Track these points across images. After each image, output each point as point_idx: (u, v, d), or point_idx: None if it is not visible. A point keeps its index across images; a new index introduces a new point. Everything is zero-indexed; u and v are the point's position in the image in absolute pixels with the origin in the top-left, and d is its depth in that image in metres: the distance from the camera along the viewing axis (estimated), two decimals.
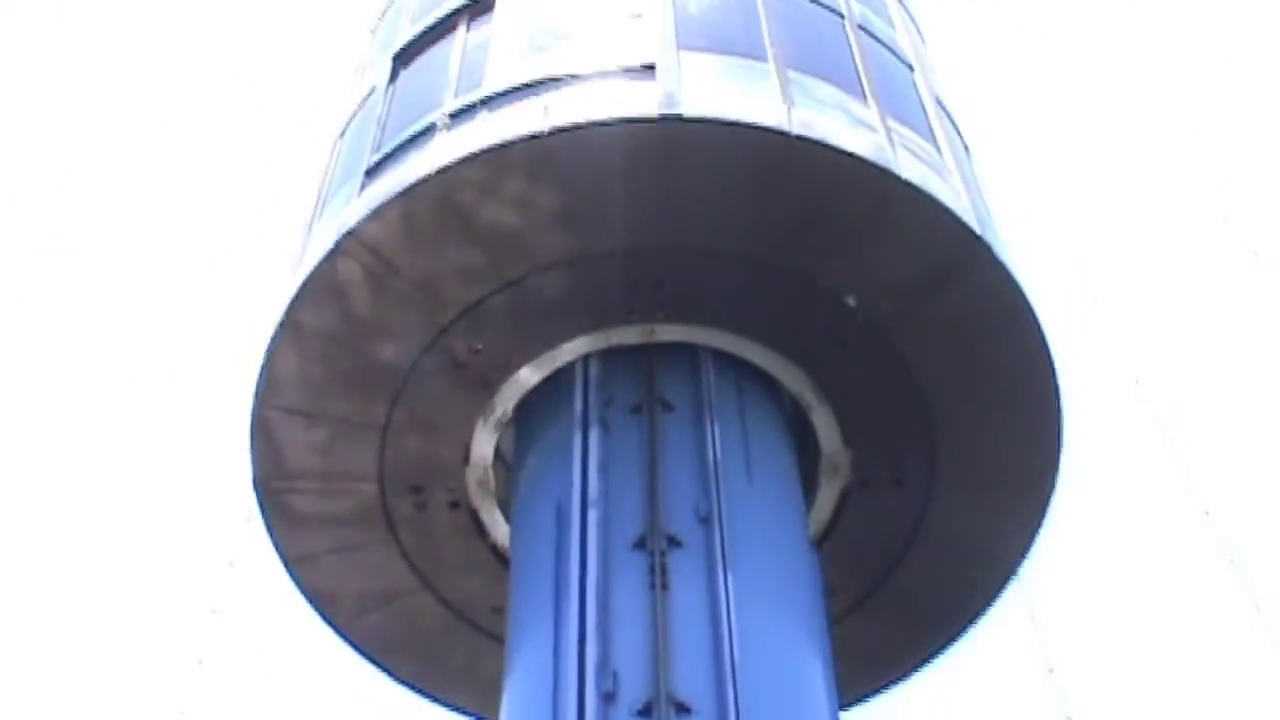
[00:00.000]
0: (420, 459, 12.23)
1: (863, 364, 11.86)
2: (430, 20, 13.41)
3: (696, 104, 10.87)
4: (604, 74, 11.44)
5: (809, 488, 12.28)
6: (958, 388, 11.98)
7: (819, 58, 12.31)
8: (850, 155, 10.97)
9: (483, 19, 12.95)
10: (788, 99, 11.27)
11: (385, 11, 15.13)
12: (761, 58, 11.79)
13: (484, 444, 12.25)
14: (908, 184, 11.08)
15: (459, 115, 11.51)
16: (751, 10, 12.44)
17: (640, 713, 9.07)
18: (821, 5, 13.21)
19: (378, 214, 11.13)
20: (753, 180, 10.99)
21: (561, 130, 10.72)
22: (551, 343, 11.87)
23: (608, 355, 11.85)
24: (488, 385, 11.96)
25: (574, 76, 11.39)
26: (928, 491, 12.35)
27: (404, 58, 13.44)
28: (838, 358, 11.87)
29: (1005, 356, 11.85)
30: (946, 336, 11.72)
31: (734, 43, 11.94)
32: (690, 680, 9.30)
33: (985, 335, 11.75)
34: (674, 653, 9.44)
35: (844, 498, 12.40)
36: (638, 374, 11.75)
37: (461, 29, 12.92)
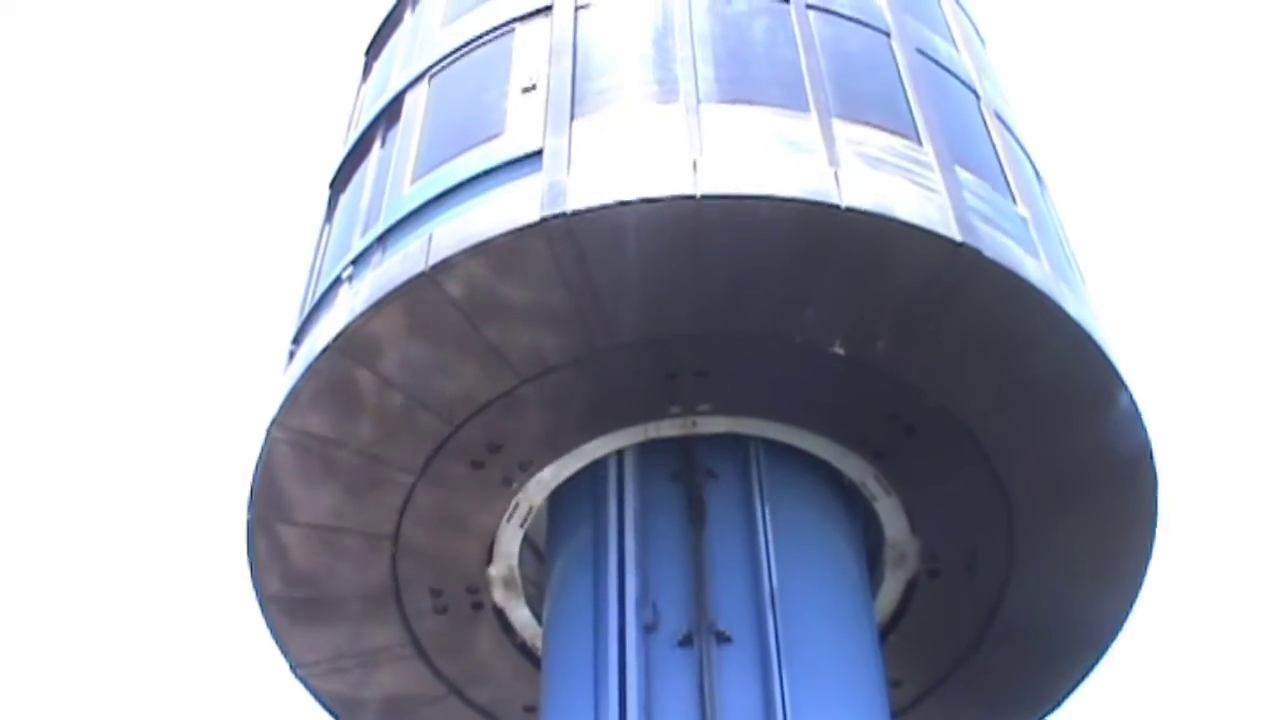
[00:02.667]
0: (438, 561, 11.12)
1: (932, 449, 10.57)
2: (358, 133, 12.27)
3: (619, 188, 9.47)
4: (488, 175, 10.16)
5: (873, 574, 11.13)
6: (1038, 468, 10.69)
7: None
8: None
9: (394, 128, 11.76)
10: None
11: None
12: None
13: (509, 543, 11.14)
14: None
15: (361, 259, 10.50)
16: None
17: None
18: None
19: (294, 396, 10.23)
20: (797, 258, 9.61)
21: (443, 263, 9.59)
22: (579, 439, 10.67)
23: (645, 447, 10.68)
24: (510, 483, 10.79)
25: (459, 188, 10.19)
26: (1005, 578, 11.12)
27: (338, 184, 12.32)
28: (904, 444, 10.58)
29: (1093, 432, 10.58)
30: (1025, 415, 10.43)
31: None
32: None
33: (1070, 411, 10.48)
34: None
35: (911, 587, 11.20)
36: (679, 465, 10.59)
37: (377, 144, 11.78)
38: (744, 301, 9.84)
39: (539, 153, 10.02)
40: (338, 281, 10.66)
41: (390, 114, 11.95)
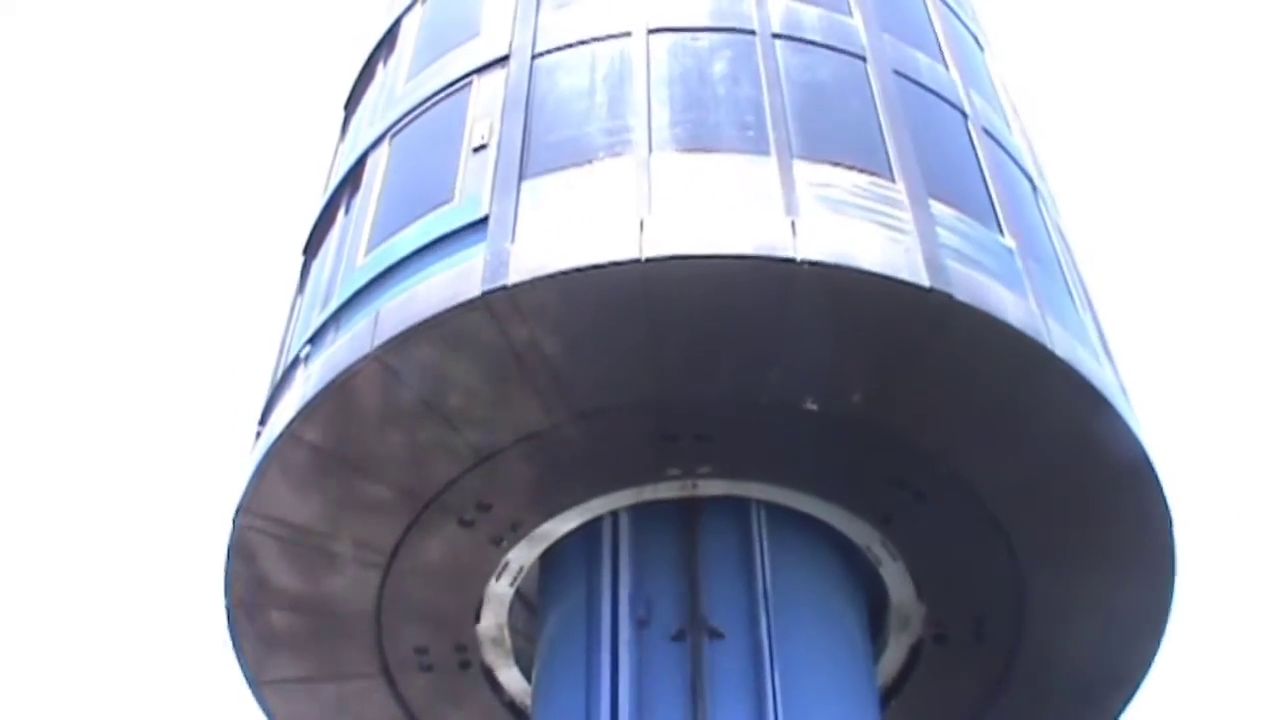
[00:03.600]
0: (423, 620, 10.70)
1: (942, 516, 10.01)
2: (326, 197, 11.88)
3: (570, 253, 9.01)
4: (437, 244, 9.73)
5: (875, 637, 10.62)
6: (1054, 537, 10.15)
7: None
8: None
9: (356, 193, 11.36)
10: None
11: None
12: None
13: (498, 601, 10.73)
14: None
15: (317, 337, 10.14)
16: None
17: None
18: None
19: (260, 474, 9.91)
20: (756, 317, 9.08)
21: (389, 342, 9.22)
22: (572, 500, 10.23)
23: (642, 507, 10.24)
24: (499, 543, 10.37)
25: (408, 259, 9.78)
26: (1015, 645, 10.51)
27: (310, 249, 11.96)
28: (912, 510, 10.04)
29: (1112, 502, 10.02)
30: (1029, 469, 9.83)
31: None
32: None
33: (1076, 460, 9.85)
34: None
35: (915, 651, 10.64)
36: (677, 526, 10.15)
37: (341, 210, 11.38)
38: (706, 364, 9.34)
39: (485, 219, 9.61)
40: (297, 360, 10.35)
41: (353, 177, 11.62)
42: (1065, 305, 10.33)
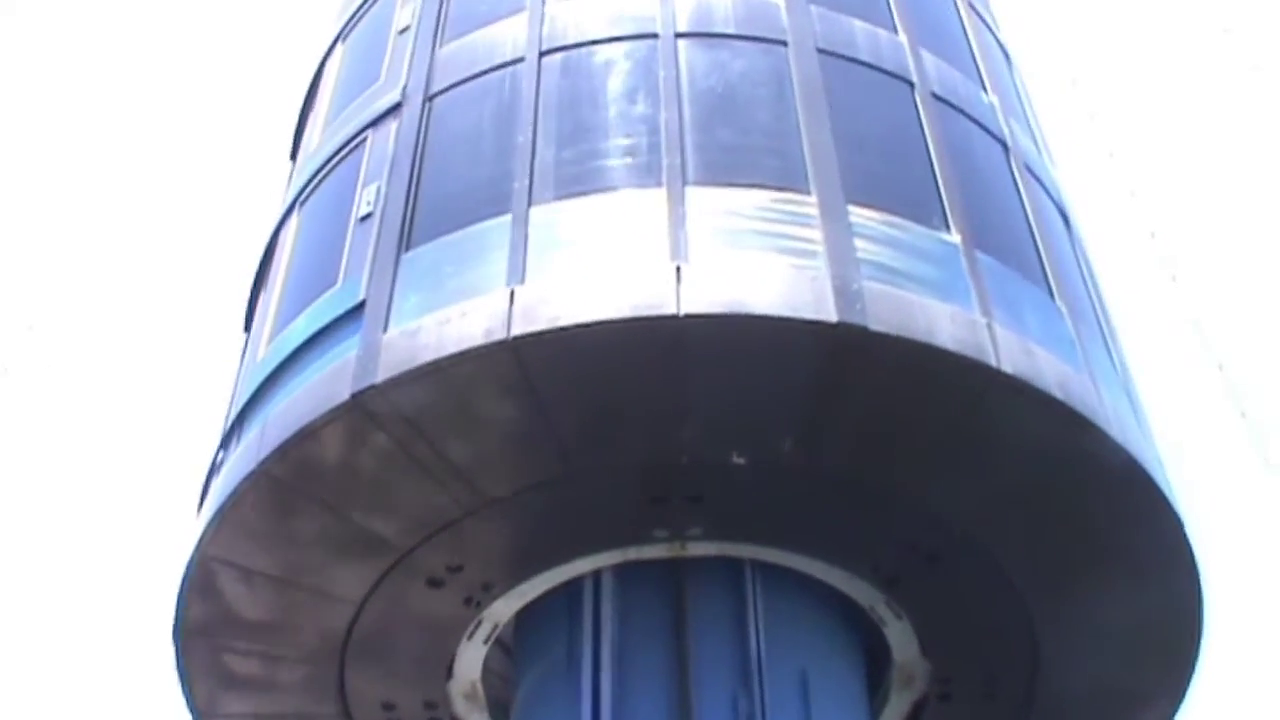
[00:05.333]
0: (391, 678, 10.04)
1: (951, 576, 9.13)
2: (254, 274, 11.18)
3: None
4: (322, 335, 9.06)
5: (876, 690, 9.77)
6: (1069, 593, 9.24)
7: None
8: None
9: (268, 274, 10.70)
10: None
11: None
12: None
13: (471, 658, 10.04)
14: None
15: (227, 441, 9.56)
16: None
17: None
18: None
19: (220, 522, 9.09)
20: (652, 376, 8.17)
21: (274, 453, 8.63)
22: (549, 563, 9.49)
23: (626, 567, 9.45)
24: (472, 603, 9.67)
25: (296, 354, 9.15)
26: (1027, 703, 9.58)
27: (248, 324, 11.27)
28: (920, 571, 9.15)
29: (1131, 549, 9.11)
30: (1058, 540, 8.97)
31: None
32: None
33: (1110, 531, 8.99)
34: None
35: (918, 708, 9.73)
36: (665, 587, 9.36)
37: (263, 287, 10.61)
38: (607, 432, 8.49)
39: (363, 305, 8.86)
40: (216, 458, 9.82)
41: (269, 253, 10.97)
42: (1038, 305, 9.11)
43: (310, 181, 10.76)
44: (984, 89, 11.00)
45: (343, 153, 10.54)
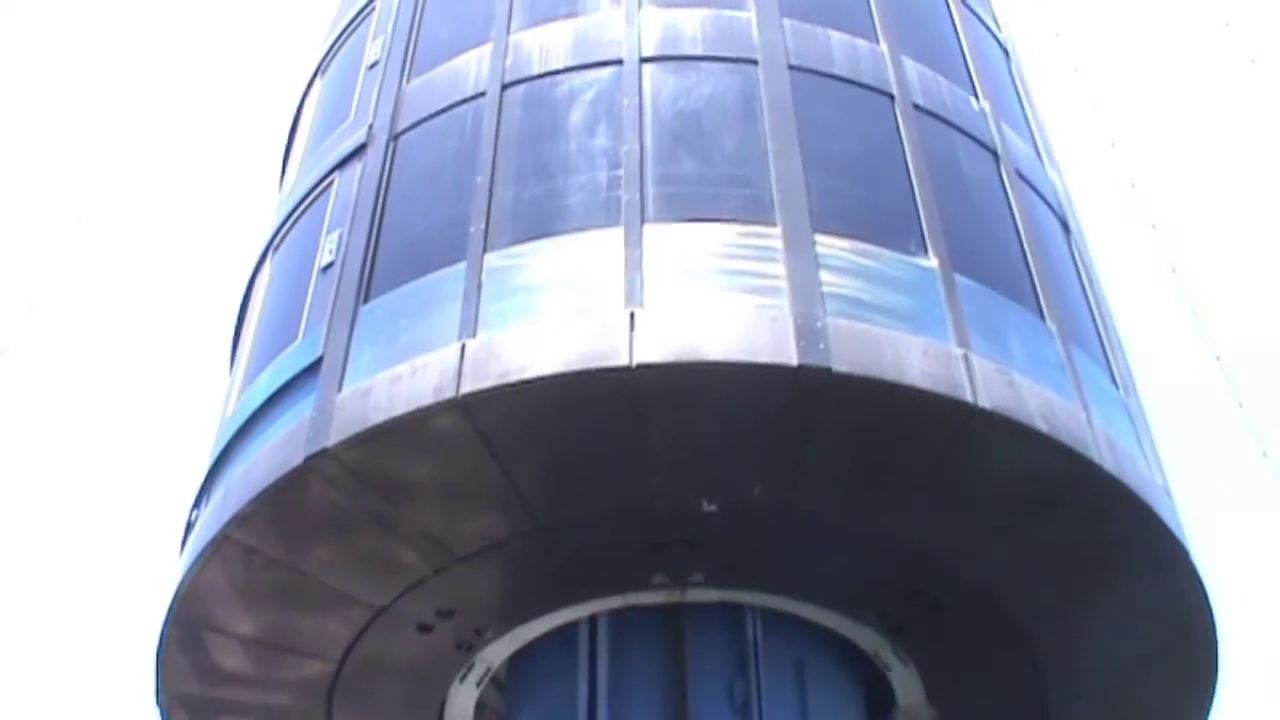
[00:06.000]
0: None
1: (958, 623, 8.80)
2: (235, 323, 10.93)
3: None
4: (282, 393, 8.84)
5: None
6: (1076, 629, 8.88)
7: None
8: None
9: (244, 326, 10.44)
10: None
11: None
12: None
13: (463, 701, 9.80)
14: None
15: (200, 500, 9.29)
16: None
17: None
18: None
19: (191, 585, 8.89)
20: (612, 428, 7.85)
21: (234, 519, 8.40)
22: (545, 607, 9.21)
23: (623, 611, 9.15)
24: (464, 647, 9.41)
25: (259, 413, 8.93)
26: None
27: (232, 364, 11.07)
28: (924, 618, 8.82)
29: (1135, 579, 8.72)
30: (1059, 574, 8.64)
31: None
32: None
33: (1111, 563, 8.60)
34: None
35: None
36: (662, 630, 9.04)
37: (241, 341, 10.39)
38: (568, 488, 8.19)
39: (320, 362, 8.62)
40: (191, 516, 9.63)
41: (247, 298, 10.77)
42: (1025, 328, 8.66)
43: (282, 226, 10.54)
44: (975, 94, 10.51)
45: (311, 196, 10.30)
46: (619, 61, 9.54)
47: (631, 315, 7.80)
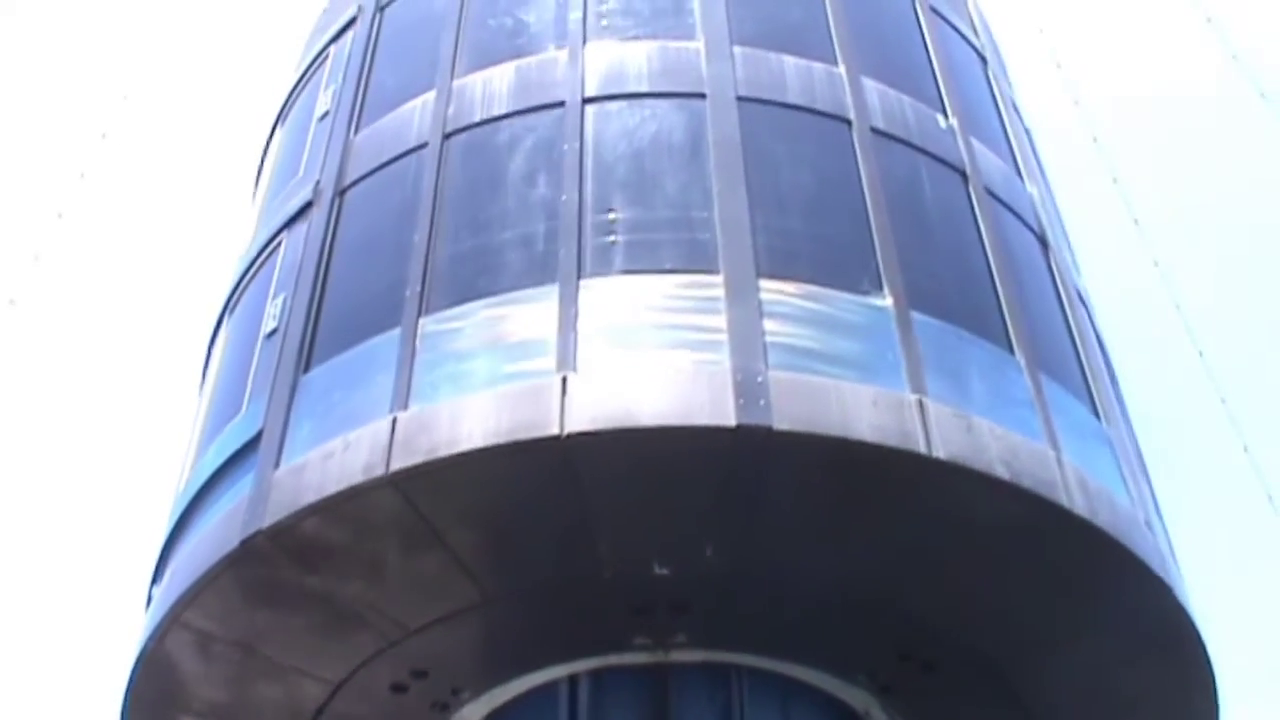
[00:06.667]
0: None
1: (949, 681, 8.48)
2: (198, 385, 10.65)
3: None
4: (227, 468, 8.62)
5: None
6: (1069, 691, 8.62)
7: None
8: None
9: (201, 394, 10.16)
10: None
11: None
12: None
13: None
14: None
15: (156, 575, 9.01)
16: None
17: None
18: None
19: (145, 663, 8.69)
20: (536, 499, 7.58)
21: (181, 599, 8.19)
22: (523, 668, 8.87)
23: (605, 671, 8.79)
24: (440, 707, 9.10)
25: (206, 487, 8.69)
26: None
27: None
28: (914, 677, 8.50)
29: (1124, 623, 8.37)
30: (1044, 620, 8.27)
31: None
32: None
33: (1096, 607, 8.25)
34: None
35: None
36: (646, 689, 8.67)
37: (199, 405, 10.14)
38: (511, 556, 7.92)
39: (259, 437, 8.38)
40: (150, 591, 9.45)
41: (207, 361, 10.54)
42: (989, 364, 8.24)
43: (236, 287, 10.32)
44: (943, 111, 10.08)
45: (261, 257, 10.08)
46: (561, 104, 9.21)
47: (564, 380, 7.48)
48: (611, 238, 8.31)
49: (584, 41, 9.61)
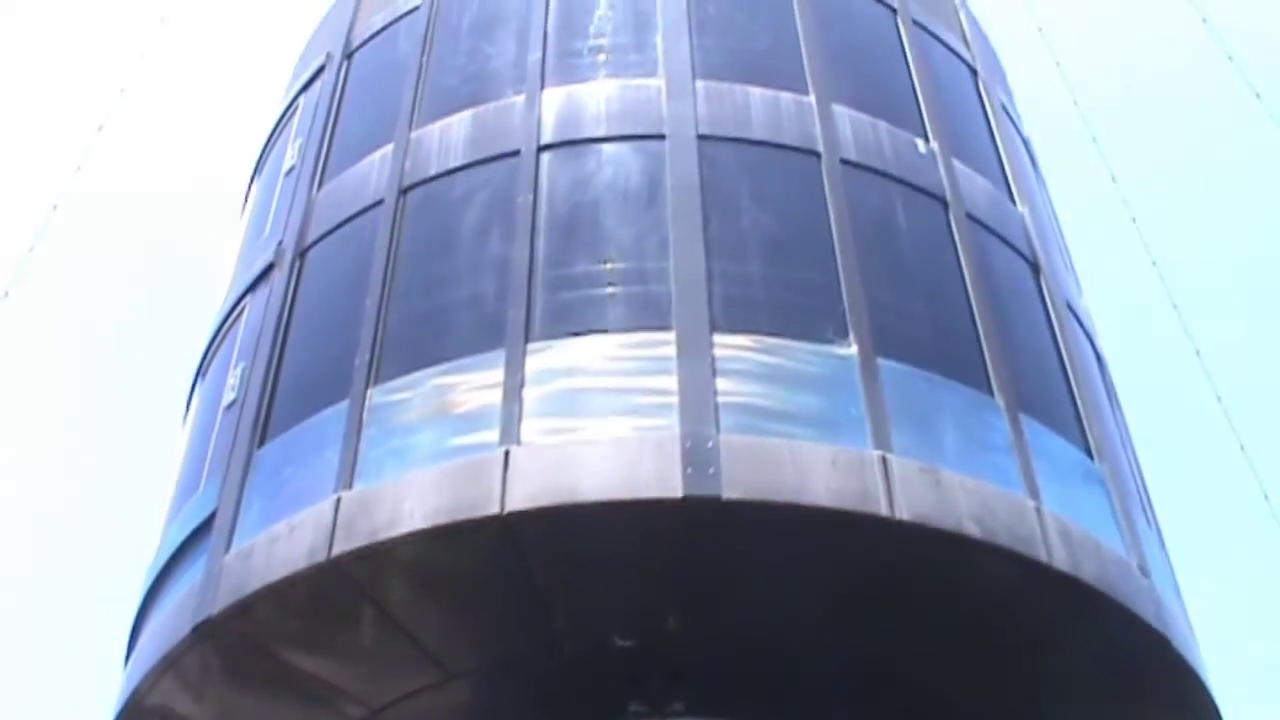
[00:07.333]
0: None
1: None
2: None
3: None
4: (187, 546, 8.43)
5: None
6: None
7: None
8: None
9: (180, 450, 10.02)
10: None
11: None
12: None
13: None
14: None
15: (132, 640, 8.80)
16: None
17: None
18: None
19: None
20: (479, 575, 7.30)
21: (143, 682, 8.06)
22: None
23: None
24: None
25: (171, 563, 8.54)
26: None
27: None
28: None
29: (1124, 677, 8.01)
30: (1039, 684, 7.98)
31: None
32: None
33: (1091, 665, 7.85)
34: None
35: None
36: None
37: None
38: (479, 633, 7.64)
39: (214, 517, 8.17)
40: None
41: (184, 421, 10.36)
42: (963, 410, 7.83)
43: (208, 351, 10.12)
44: (924, 134, 9.65)
45: (228, 322, 9.88)
46: (516, 153, 8.91)
47: (506, 454, 7.17)
48: (562, 294, 8.00)
49: (542, 85, 9.30)
